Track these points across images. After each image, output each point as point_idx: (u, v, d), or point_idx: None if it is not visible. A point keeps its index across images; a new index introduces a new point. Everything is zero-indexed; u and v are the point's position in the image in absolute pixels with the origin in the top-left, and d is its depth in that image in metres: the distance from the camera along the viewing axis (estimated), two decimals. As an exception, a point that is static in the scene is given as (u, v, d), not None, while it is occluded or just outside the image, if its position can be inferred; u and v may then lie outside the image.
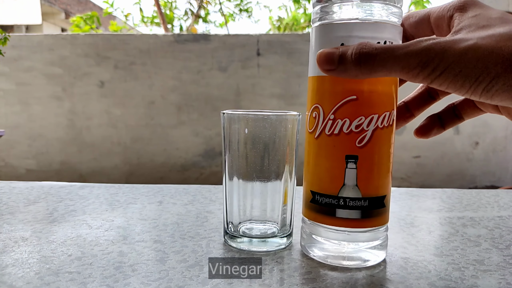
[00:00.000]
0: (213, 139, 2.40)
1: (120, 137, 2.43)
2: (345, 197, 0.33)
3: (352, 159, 0.32)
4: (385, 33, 0.31)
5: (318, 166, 0.34)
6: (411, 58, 0.26)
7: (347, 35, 0.31)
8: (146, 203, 0.54)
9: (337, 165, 0.32)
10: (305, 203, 0.36)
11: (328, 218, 0.34)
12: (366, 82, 0.31)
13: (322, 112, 0.33)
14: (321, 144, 0.33)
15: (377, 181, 0.33)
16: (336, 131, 0.32)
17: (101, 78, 2.38)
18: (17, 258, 0.36)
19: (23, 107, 2.43)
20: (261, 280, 0.32)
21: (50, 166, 2.47)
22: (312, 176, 0.35)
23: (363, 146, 0.32)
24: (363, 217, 0.33)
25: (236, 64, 2.33)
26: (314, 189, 0.34)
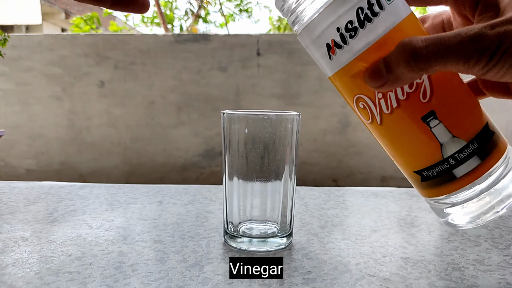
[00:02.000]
0: (213, 139, 2.40)
1: (120, 137, 2.43)
2: (452, 154, 0.29)
3: (430, 116, 0.28)
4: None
5: (403, 146, 0.30)
6: (466, 47, 0.23)
7: (331, 21, 0.28)
8: (146, 203, 0.54)
9: (421, 132, 0.29)
10: (418, 186, 0.32)
11: (452, 184, 0.29)
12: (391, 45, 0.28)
13: (368, 98, 0.29)
14: (389, 125, 0.30)
15: (469, 117, 0.29)
16: (395, 104, 0.28)
17: (101, 78, 2.38)
18: (17, 258, 0.36)
19: (23, 107, 2.43)
20: (261, 280, 0.32)
21: (50, 166, 2.47)
22: (405, 159, 0.31)
23: (430, 97, 0.28)
24: (483, 158, 0.29)
25: (236, 64, 2.33)
26: (416, 169, 0.30)
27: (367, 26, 0.27)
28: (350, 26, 0.27)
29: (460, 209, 0.31)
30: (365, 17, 0.27)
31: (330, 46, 0.28)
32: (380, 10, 0.27)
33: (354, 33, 0.27)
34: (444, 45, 0.24)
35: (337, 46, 0.28)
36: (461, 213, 0.31)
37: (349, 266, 0.35)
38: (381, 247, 0.40)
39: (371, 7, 0.27)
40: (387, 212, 0.51)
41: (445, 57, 0.24)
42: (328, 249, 0.39)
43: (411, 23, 0.28)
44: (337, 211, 0.51)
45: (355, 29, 0.27)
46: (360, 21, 0.27)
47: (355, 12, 0.27)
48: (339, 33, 0.28)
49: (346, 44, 0.28)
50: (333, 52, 0.28)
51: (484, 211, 0.30)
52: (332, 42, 0.28)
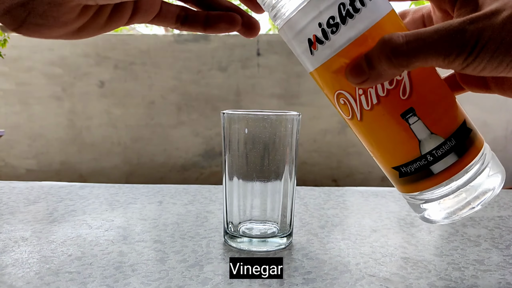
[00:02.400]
0: (213, 139, 2.40)
1: (120, 137, 2.43)
2: (430, 151, 0.29)
3: (409, 113, 0.28)
4: None
5: (382, 143, 0.31)
6: (446, 42, 0.24)
7: (312, 16, 0.28)
8: (146, 203, 0.54)
9: (400, 128, 0.29)
10: (396, 182, 0.32)
11: (429, 180, 0.30)
12: (372, 41, 0.28)
13: (348, 94, 0.30)
14: (369, 122, 0.30)
15: (448, 115, 0.29)
16: (375, 101, 0.29)
17: (101, 78, 2.38)
18: (17, 258, 0.36)
19: (23, 107, 2.43)
20: (261, 280, 0.32)
21: (50, 166, 2.47)
22: (383, 155, 0.31)
23: (410, 94, 0.28)
24: (460, 155, 0.29)
25: (236, 64, 2.33)
26: (395, 165, 0.31)
27: (349, 22, 0.27)
28: (332, 22, 0.27)
29: (436, 205, 0.31)
30: (347, 13, 0.27)
31: (312, 41, 0.28)
32: (362, 7, 0.27)
33: (336, 29, 0.27)
34: (424, 41, 0.24)
35: (318, 42, 0.28)
36: (438, 209, 0.31)
37: (349, 266, 0.35)
38: (381, 247, 0.40)
39: (352, 3, 0.27)
40: (387, 212, 0.51)
41: (426, 52, 0.24)
42: (328, 249, 0.39)
43: (392, 20, 0.29)
44: (337, 211, 0.51)
45: (337, 24, 0.27)
46: (342, 17, 0.27)
47: (337, 8, 0.27)
48: (320, 29, 0.28)
49: (328, 39, 0.28)
50: (315, 47, 0.28)
51: (460, 207, 0.31)
52: (314, 37, 0.28)
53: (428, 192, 0.31)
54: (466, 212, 0.30)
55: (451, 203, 0.31)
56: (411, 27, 0.34)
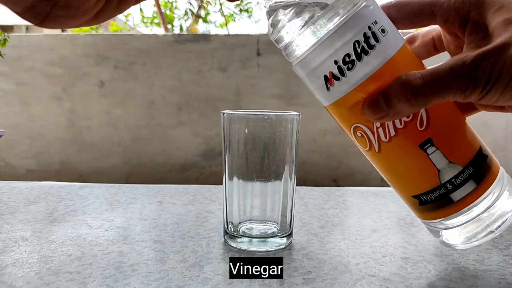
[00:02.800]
0: (213, 139, 2.40)
1: (120, 137, 2.43)
2: (449, 180, 0.29)
3: (427, 144, 0.29)
4: (358, 28, 0.28)
5: (401, 173, 0.31)
6: (461, 80, 0.25)
7: (328, 54, 0.28)
8: (146, 203, 0.54)
9: (418, 159, 0.29)
10: (416, 210, 0.33)
11: (449, 208, 0.30)
12: (388, 76, 0.28)
13: (365, 127, 0.30)
14: (387, 153, 0.30)
15: (464, 143, 0.30)
16: (393, 133, 0.29)
17: (101, 78, 2.38)
18: (17, 258, 0.36)
19: (23, 107, 2.43)
20: (261, 280, 0.32)
21: (50, 166, 2.47)
22: (403, 185, 0.32)
23: (427, 125, 0.29)
24: (479, 182, 0.30)
25: (236, 64, 2.33)
26: (414, 193, 0.31)
27: (364, 59, 0.28)
28: (347, 59, 0.28)
29: (455, 231, 0.32)
30: (362, 50, 0.28)
31: (328, 78, 0.29)
32: (376, 43, 0.28)
33: (352, 66, 0.28)
34: (441, 80, 0.25)
35: (335, 78, 0.29)
36: (457, 233, 0.32)
37: (349, 266, 0.35)
38: (381, 247, 0.40)
39: (367, 40, 0.28)
40: (387, 212, 0.51)
41: (443, 91, 0.25)
42: (328, 249, 0.39)
43: (405, 53, 0.29)
44: (337, 211, 0.51)
45: (353, 61, 0.28)
46: (357, 54, 0.28)
47: (352, 46, 0.28)
48: (336, 66, 0.28)
49: (344, 76, 0.28)
50: (331, 83, 0.29)
51: (479, 231, 0.31)
52: (330, 74, 0.29)
53: (448, 220, 0.31)
54: (485, 236, 0.31)
55: (470, 228, 0.31)
56: (422, 51, 0.34)
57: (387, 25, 0.29)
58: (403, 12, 0.31)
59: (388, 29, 0.28)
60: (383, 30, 0.28)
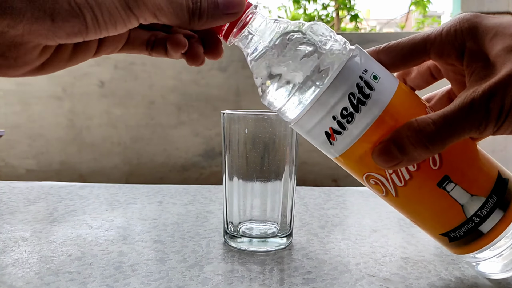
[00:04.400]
0: (213, 139, 2.40)
1: (120, 137, 2.43)
2: (475, 213, 0.29)
3: (445, 181, 0.28)
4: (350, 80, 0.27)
5: (424, 214, 0.31)
6: (473, 116, 0.25)
7: (325, 112, 0.28)
8: (146, 203, 0.54)
9: (439, 198, 0.29)
10: (447, 246, 0.32)
11: (481, 240, 0.30)
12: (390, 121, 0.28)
13: (378, 175, 0.29)
14: (405, 196, 0.30)
15: (482, 173, 0.30)
16: (407, 176, 0.28)
17: (101, 78, 2.38)
18: (17, 258, 0.36)
19: (23, 107, 2.43)
20: (261, 280, 0.32)
21: (50, 166, 2.47)
22: (429, 225, 0.31)
23: (441, 163, 0.28)
24: (505, 209, 0.29)
25: (236, 64, 2.33)
26: (442, 232, 0.30)
27: (362, 109, 0.27)
28: (345, 113, 0.27)
29: (491, 261, 0.31)
30: (358, 101, 0.27)
31: (329, 133, 0.28)
32: (371, 91, 0.27)
33: (351, 118, 0.27)
34: (454, 122, 0.25)
35: (336, 133, 0.28)
36: (494, 262, 0.31)
37: (349, 266, 0.35)
38: (381, 247, 0.40)
39: (361, 91, 0.27)
40: (387, 212, 0.51)
41: (459, 132, 0.25)
42: (328, 249, 0.39)
43: (403, 94, 0.29)
44: (337, 211, 0.51)
45: (351, 114, 0.27)
46: (354, 106, 0.27)
47: (348, 99, 0.27)
48: (336, 121, 0.28)
49: (345, 129, 0.28)
50: (333, 138, 0.28)
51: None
52: (331, 130, 0.28)
53: (481, 252, 0.30)
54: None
55: (506, 254, 0.30)
56: (420, 81, 0.34)
57: (377, 71, 0.28)
58: (394, 55, 0.30)
59: (380, 75, 0.28)
60: (375, 77, 0.28)
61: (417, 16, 3.62)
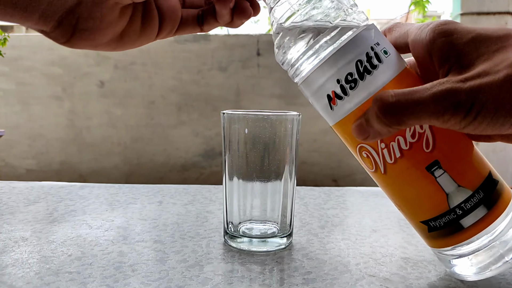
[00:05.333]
0: (213, 139, 2.40)
1: (120, 137, 2.43)
2: (458, 204, 0.28)
3: (434, 166, 0.28)
4: (361, 48, 0.28)
5: (409, 196, 0.30)
6: (438, 103, 0.23)
7: (331, 74, 0.28)
8: (146, 203, 0.54)
9: (426, 182, 0.29)
10: (425, 236, 0.32)
11: (460, 235, 0.29)
12: None
13: (370, 148, 0.30)
14: (393, 175, 0.30)
15: (473, 166, 0.29)
16: (398, 154, 0.28)
17: (101, 78, 2.38)
18: (17, 258, 0.36)
19: (23, 107, 2.43)
20: (261, 280, 0.32)
21: (50, 166, 2.47)
22: (411, 209, 0.31)
23: (433, 147, 0.28)
24: (490, 208, 0.29)
25: (236, 64, 2.33)
26: (423, 219, 0.30)
27: (367, 78, 0.28)
28: (350, 78, 0.28)
29: (467, 260, 0.30)
30: (365, 69, 0.28)
31: (331, 97, 0.29)
32: (379, 63, 0.28)
33: (354, 85, 0.28)
34: (414, 101, 0.24)
35: (337, 97, 0.29)
36: (468, 264, 0.31)
37: (349, 266, 0.35)
38: (381, 247, 0.40)
39: (369, 60, 0.28)
40: (387, 212, 0.51)
41: (417, 113, 0.24)
42: (328, 249, 0.39)
43: (408, 75, 0.29)
44: (337, 211, 0.51)
45: (355, 80, 0.28)
46: (360, 73, 0.28)
47: (355, 65, 0.28)
48: (339, 85, 0.28)
49: (347, 95, 0.28)
50: (334, 103, 0.29)
51: (492, 261, 0.29)
52: (333, 93, 0.29)
53: (458, 247, 0.30)
54: (499, 266, 0.29)
55: (482, 257, 0.30)
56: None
57: (389, 48, 0.29)
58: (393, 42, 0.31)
59: (391, 52, 0.29)
60: (385, 52, 0.28)
61: (417, 16, 3.63)
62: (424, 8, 2.99)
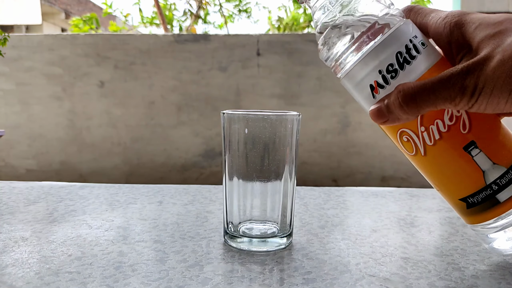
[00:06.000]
0: (213, 139, 2.40)
1: (120, 137, 2.43)
2: (494, 180, 0.31)
3: (471, 146, 0.30)
4: (400, 41, 0.30)
5: (448, 175, 0.33)
6: (449, 88, 0.27)
7: (373, 66, 0.31)
8: (146, 203, 0.54)
9: (463, 161, 0.31)
10: (463, 214, 0.34)
11: (496, 209, 0.31)
12: None
13: (411, 132, 0.32)
14: (433, 156, 0.32)
15: (506, 144, 0.31)
16: (437, 136, 0.31)
17: (101, 78, 2.38)
18: (17, 258, 0.36)
19: (23, 107, 2.43)
20: (261, 280, 0.32)
21: (50, 166, 2.47)
22: (450, 188, 0.33)
23: (470, 128, 0.30)
24: None
25: (236, 64, 2.33)
26: (461, 196, 0.33)
27: (406, 68, 0.30)
28: (391, 68, 0.30)
29: (503, 234, 0.32)
30: (404, 60, 0.30)
31: (373, 86, 0.31)
32: (417, 54, 0.31)
33: (395, 74, 0.30)
34: (430, 90, 0.28)
35: (379, 86, 0.31)
36: (505, 237, 0.33)
37: (349, 266, 0.35)
38: (381, 247, 0.40)
39: (409, 52, 0.30)
40: (387, 212, 0.51)
41: (433, 100, 0.28)
42: (328, 249, 0.39)
43: (443, 66, 0.31)
44: (337, 211, 0.51)
45: (396, 70, 0.30)
46: (400, 63, 0.30)
47: (395, 56, 0.30)
48: (381, 75, 0.31)
49: (388, 84, 0.31)
50: (376, 91, 0.31)
51: None
52: (375, 83, 0.31)
53: (496, 221, 0.32)
54: None
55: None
56: None
57: (426, 41, 0.31)
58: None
59: (427, 44, 0.31)
60: (423, 44, 0.31)
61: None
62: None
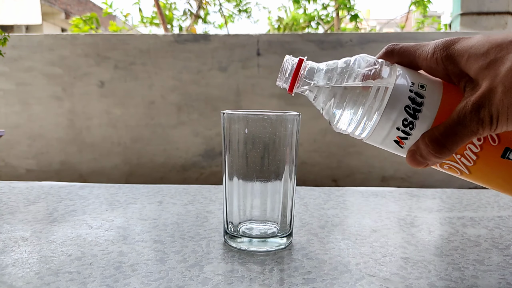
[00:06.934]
0: (213, 139, 2.40)
1: (120, 137, 2.43)
2: None
3: (507, 152, 0.32)
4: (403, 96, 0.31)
5: (500, 183, 0.34)
6: (469, 126, 0.29)
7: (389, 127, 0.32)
8: (146, 203, 0.54)
9: (506, 167, 0.32)
10: None
11: None
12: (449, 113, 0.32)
13: (450, 161, 0.33)
14: (479, 172, 0.33)
15: None
16: (474, 157, 0.32)
17: (101, 78, 2.38)
18: (17, 258, 0.36)
19: (23, 107, 2.43)
20: (261, 280, 0.32)
21: (50, 166, 2.47)
22: (507, 189, 0.34)
23: (499, 139, 0.32)
24: None
25: (236, 64, 2.33)
26: None
27: (420, 116, 0.31)
28: (406, 122, 0.32)
29: None
30: (414, 110, 0.31)
31: (398, 141, 0.33)
32: (422, 99, 0.31)
33: (413, 126, 0.32)
34: (455, 133, 0.30)
35: (403, 139, 0.33)
36: None
37: (349, 266, 0.35)
38: (381, 247, 0.40)
39: (414, 101, 0.31)
40: (387, 212, 0.51)
41: (460, 139, 0.30)
42: (328, 249, 0.39)
43: (450, 93, 0.32)
44: (337, 211, 0.51)
45: (412, 122, 0.31)
46: (412, 115, 0.31)
47: (405, 111, 0.31)
48: (400, 130, 0.32)
49: (410, 135, 0.32)
50: (402, 143, 0.33)
51: None
52: (398, 138, 0.33)
53: None
54: None
55: None
56: None
57: (422, 80, 0.32)
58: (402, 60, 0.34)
59: (425, 82, 0.32)
60: (422, 86, 0.32)
61: (417, 16, 3.62)
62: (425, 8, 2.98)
